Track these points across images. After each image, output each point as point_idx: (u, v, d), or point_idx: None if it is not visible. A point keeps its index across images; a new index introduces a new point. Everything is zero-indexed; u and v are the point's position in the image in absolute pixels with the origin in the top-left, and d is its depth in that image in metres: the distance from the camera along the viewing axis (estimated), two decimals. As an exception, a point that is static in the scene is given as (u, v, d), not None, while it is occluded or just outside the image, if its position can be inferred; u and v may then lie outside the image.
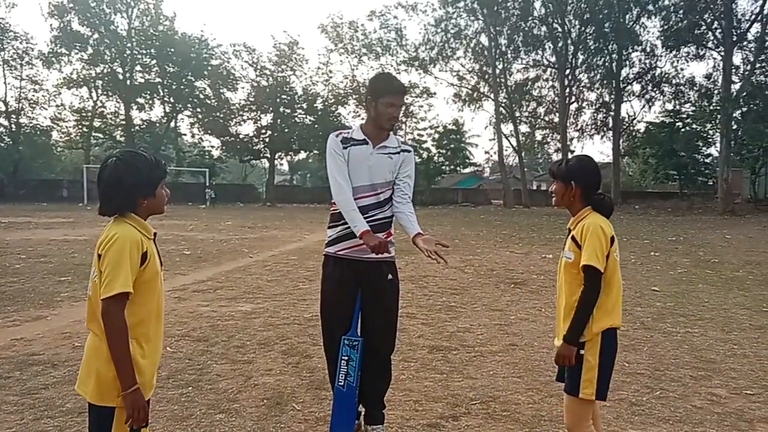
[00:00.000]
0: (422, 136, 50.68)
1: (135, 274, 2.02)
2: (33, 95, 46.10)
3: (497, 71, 46.08)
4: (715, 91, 39.62)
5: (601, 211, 2.67)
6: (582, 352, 2.54)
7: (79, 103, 47.73)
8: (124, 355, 1.98)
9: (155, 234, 2.24)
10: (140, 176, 2.10)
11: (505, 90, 47.39)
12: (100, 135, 48.26)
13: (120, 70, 47.54)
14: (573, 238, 2.61)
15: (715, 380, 4.40)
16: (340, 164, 3.22)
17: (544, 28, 46.07)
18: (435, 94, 56.94)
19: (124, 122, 48.02)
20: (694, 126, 40.87)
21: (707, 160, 42.44)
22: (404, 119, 51.09)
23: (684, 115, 41.92)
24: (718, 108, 36.68)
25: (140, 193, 2.11)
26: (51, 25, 45.17)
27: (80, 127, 47.80)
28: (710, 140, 41.27)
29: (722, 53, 36.93)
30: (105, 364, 2.02)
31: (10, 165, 42.60)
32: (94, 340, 2.07)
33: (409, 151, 3.38)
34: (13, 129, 44.88)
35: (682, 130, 40.66)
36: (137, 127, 48.70)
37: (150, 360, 2.13)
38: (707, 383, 4.33)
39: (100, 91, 47.49)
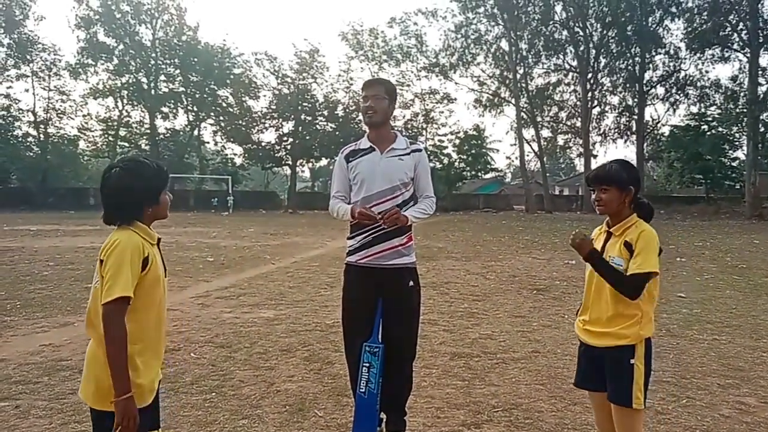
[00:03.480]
0: (443, 141, 50.55)
1: (136, 279, 2.05)
2: (60, 105, 47.09)
3: (518, 76, 45.87)
4: (742, 94, 39.00)
5: (645, 215, 2.66)
6: (632, 360, 2.51)
7: (105, 113, 48.68)
8: (120, 361, 1.99)
9: (159, 240, 2.27)
10: (145, 184, 2.14)
11: (526, 95, 47.14)
12: (126, 144, 49.06)
13: (145, 79, 48.37)
14: (627, 244, 2.55)
15: (744, 389, 4.31)
16: (338, 179, 3.42)
17: (565, 32, 45.82)
18: (455, 99, 56.75)
19: (148, 131, 48.80)
20: (720, 129, 40.18)
21: (734, 164, 41.64)
22: (425, 125, 51.12)
23: (710, 118, 41.24)
24: (745, 111, 36.08)
25: (146, 201, 2.15)
26: (78, 36, 46.40)
27: (106, 136, 48.70)
28: (737, 143, 40.59)
29: (748, 55, 36.33)
30: (103, 370, 2.04)
31: (39, 174, 43.51)
32: (92, 347, 2.12)
33: (420, 151, 3.41)
34: (42, 138, 45.86)
35: (708, 133, 39.98)
36: (161, 136, 49.48)
37: (149, 365, 2.15)
38: (735, 392, 4.25)
39: (125, 101, 48.35)
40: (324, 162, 56.80)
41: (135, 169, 2.14)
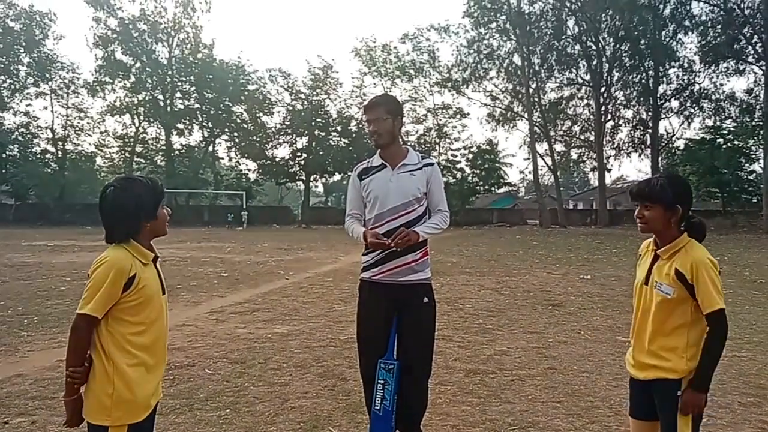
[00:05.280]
0: (456, 156, 50.57)
1: (113, 300, 2.09)
2: (78, 122, 47.85)
3: (531, 90, 45.89)
4: (757, 106, 38.67)
5: (697, 236, 2.45)
6: (679, 393, 2.38)
7: (122, 130, 49.33)
8: (71, 363, 2.12)
9: (156, 258, 2.28)
10: (139, 201, 2.17)
11: (539, 109, 47.12)
12: (142, 160, 49.66)
13: (161, 97, 49.02)
14: (679, 274, 2.35)
15: (766, 407, 4.23)
16: (353, 198, 3.44)
17: (577, 47, 45.87)
18: (468, 114, 56.82)
19: (164, 147, 49.35)
20: (736, 142, 39.79)
21: (751, 177, 41.20)
22: (438, 140, 51.23)
23: (725, 131, 40.87)
24: (761, 123, 35.72)
25: (143, 217, 2.18)
26: (96, 55, 47.00)
27: (123, 152, 49.32)
28: (753, 156, 40.10)
29: (763, 67, 36.08)
30: (97, 383, 2.12)
31: (57, 190, 44.11)
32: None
33: (432, 164, 3.39)
34: (60, 155, 46.58)
35: (724, 146, 39.62)
36: (177, 152, 49.99)
37: (144, 380, 2.18)
38: (757, 410, 4.16)
39: (141, 118, 48.98)
40: (337, 177, 57.05)
41: (128, 186, 2.18)
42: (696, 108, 44.33)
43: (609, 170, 48.21)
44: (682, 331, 2.40)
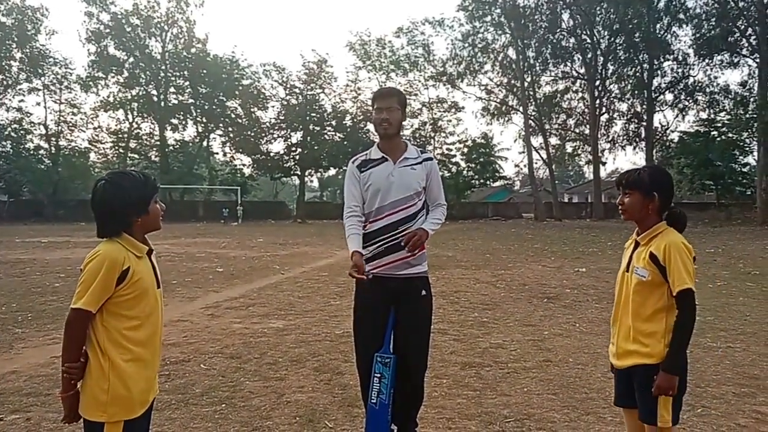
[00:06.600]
0: (451, 150, 50.70)
1: (107, 293, 2.07)
2: (71, 118, 47.77)
3: (526, 84, 45.94)
4: (751, 99, 38.79)
5: (676, 225, 2.55)
6: (656, 377, 2.42)
7: (116, 125, 49.31)
8: (67, 358, 2.09)
9: (151, 251, 2.26)
10: (130, 196, 2.14)
11: (534, 102, 47.18)
12: (136, 155, 49.54)
13: (154, 92, 48.87)
14: (652, 256, 2.44)
15: (760, 397, 4.24)
16: (353, 190, 3.34)
17: (572, 40, 45.94)
18: (463, 108, 56.81)
19: (158, 143, 49.23)
20: (730, 135, 39.92)
21: (745, 170, 41.36)
22: (433, 134, 51.25)
23: (719, 124, 41.00)
24: (755, 116, 35.83)
25: (133, 212, 2.16)
26: (88, 50, 46.84)
27: (117, 148, 49.20)
28: (747, 149, 40.28)
29: (757, 60, 36.18)
30: (93, 380, 2.09)
31: (50, 186, 43.95)
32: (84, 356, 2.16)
33: (431, 159, 3.41)
34: (53, 151, 46.41)
35: (718, 139, 39.74)
36: (171, 147, 49.88)
37: (140, 376, 2.16)
38: (751, 400, 4.18)
39: (135, 113, 48.86)
40: (332, 172, 57.07)
41: (118, 181, 2.16)
42: (690, 101, 44.52)
43: (604, 163, 48.39)
44: (661, 317, 2.46)
